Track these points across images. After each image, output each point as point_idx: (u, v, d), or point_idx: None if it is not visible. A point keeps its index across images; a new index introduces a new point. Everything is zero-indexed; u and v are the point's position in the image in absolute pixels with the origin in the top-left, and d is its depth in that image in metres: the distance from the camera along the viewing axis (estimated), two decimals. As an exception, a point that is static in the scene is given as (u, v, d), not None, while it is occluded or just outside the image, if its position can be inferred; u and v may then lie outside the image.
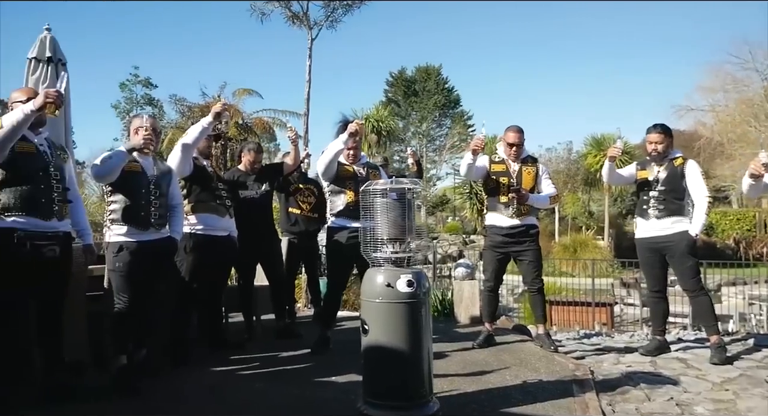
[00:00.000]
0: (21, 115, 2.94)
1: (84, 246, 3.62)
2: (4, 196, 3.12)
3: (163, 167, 3.95)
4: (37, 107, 2.93)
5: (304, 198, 5.75)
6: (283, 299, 5.30)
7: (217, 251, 4.42)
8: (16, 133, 2.99)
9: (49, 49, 4.43)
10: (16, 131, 2.97)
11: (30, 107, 2.94)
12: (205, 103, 12.88)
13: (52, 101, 2.93)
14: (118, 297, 3.68)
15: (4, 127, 2.94)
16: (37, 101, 2.94)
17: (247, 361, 4.38)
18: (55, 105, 2.95)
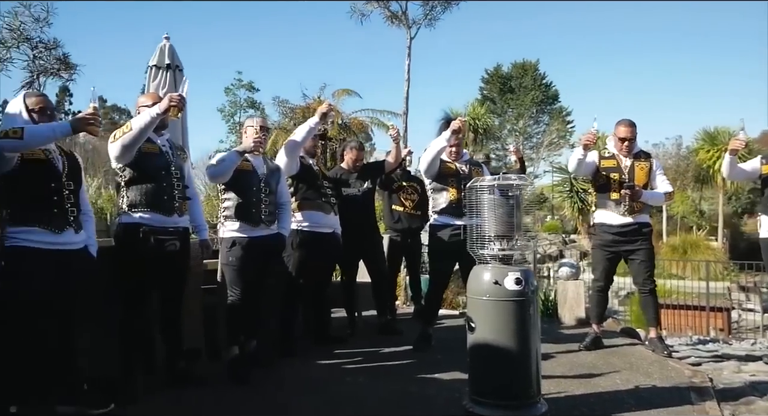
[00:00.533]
0: (147, 117, 3.14)
1: (200, 241, 3.83)
2: (131, 193, 3.34)
3: (272, 166, 4.10)
4: (162, 110, 3.12)
5: (407, 196, 5.79)
6: (384, 296, 5.35)
7: (322, 248, 4.53)
8: (143, 134, 3.20)
9: (168, 57, 4.73)
10: (144, 132, 3.18)
11: (156, 110, 3.14)
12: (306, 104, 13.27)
13: (176, 104, 3.11)
14: (231, 290, 3.85)
15: (133, 129, 3.16)
16: (162, 105, 3.13)
17: (350, 356, 4.46)
18: (178, 108, 3.13)
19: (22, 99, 2.93)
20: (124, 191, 3.37)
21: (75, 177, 2.97)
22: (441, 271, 4.62)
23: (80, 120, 2.73)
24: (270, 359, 4.16)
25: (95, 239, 3.15)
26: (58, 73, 6.05)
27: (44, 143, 2.77)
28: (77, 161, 3.08)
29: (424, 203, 5.76)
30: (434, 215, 4.58)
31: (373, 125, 15.31)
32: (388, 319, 5.33)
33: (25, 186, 2.78)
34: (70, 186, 2.91)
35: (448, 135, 4.24)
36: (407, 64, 7.33)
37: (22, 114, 2.89)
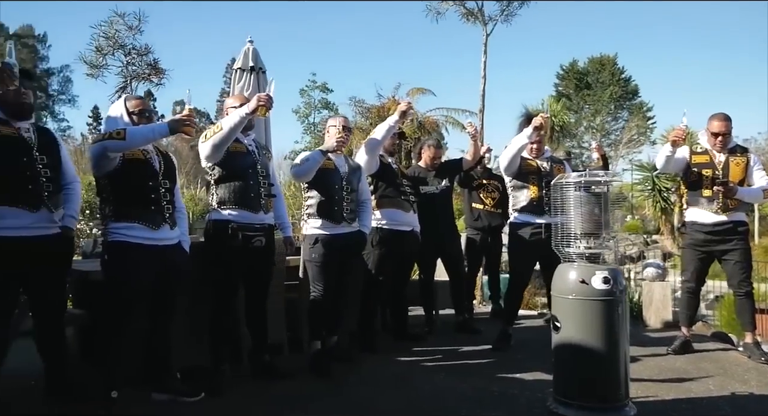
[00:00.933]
0: (237, 117, 3.26)
1: (285, 238, 3.94)
2: (220, 191, 3.48)
3: (354, 165, 4.16)
4: (251, 110, 3.23)
5: (487, 193, 5.74)
6: (462, 295, 5.32)
7: (401, 246, 4.56)
8: (233, 134, 3.32)
9: (252, 60, 4.89)
10: (233, 132, 3.30)
11: (245, 110, 3.25)
12: (381, 104, 13.39)
13: (264, 104, 3.21)
14: (313, 286, 3.94)
15: (223, 129, 3.28)
16: (251, 105, 3.24)
17: (430, 353, 4.47)
18: (266, 107, 3.23)
19: (122, 102, 3.11)
20: (213, 189, 3.51)
21: (170, 176, 3.12)
22: (521, 270, 4.56)
23: (177, 121, 2.87)
24: (350, 354, 4.23)
25: (188, 235, 3.29)
26: (149, 78, 6.39)
27: (144, 143, 2.93)
28: (172, 160, 3.23)
29: (504, 201, 5.65)
30: (514, 213, 4.52)
31: (447, 124, 15.31)
32: (466, 318, 5.30)
33: (125, 184, 2.95)
34: (166, 184, 3.06)
35: (529, 132, 4.18)
36: (483, 62, 7.23)
37: (123, 117, 3.06)
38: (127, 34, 6.34)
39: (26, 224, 2.87)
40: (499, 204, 5.72)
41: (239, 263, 3.49)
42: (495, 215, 5.77)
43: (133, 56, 6.36)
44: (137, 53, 6.35)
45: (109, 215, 2.94)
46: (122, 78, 6.62)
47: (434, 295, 5.38)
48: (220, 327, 3.56)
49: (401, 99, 13.56)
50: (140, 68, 6.33)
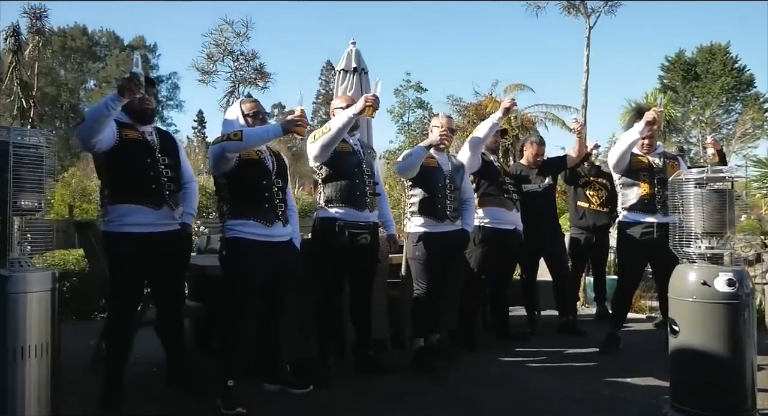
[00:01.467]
0: (345, 118, 3.34)
1: (388, 235, 3.99)
2: (327, 190, 3.58)
3: (457, 163, 4.15)
4: (359, 110, 3.30)
5: (594, 191, 5.57)
6: (566, 295, 5.19)
7: (504, 245, 4.50)
8: (341, 134, 3.41)
9: (355, 61, 4.98)
10: (341, 132, 3.39)
11: (352, 110, 3.32)
12: (478, 101, 13.28)
13: (371, 104, 3.28)
14: (417, 284, 3.97)
15: (331, 129, 3.38)
16: (358, 105, 3.31)
17: (533, 354, 4.39)
18: (373, 107, 3.29)
19: (238, 106, 3.27)
20: (321, 188, 3.62)
21: (283, 175, 3.24)
22: (632, 271, 4.38)
23: (290, 122, 2.98)
24: (450, 352, 4.22)
25: (299, 232, 3.41)
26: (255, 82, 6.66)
27: (259, 143, 3.06)
28: (284, 160, 3.36)
29: (612, 200, 5.48)
30: (623, 211, 4.35)
31: (546, 121, 14.90)
32: (570, 319, 5.16)
33: (241, 183, 3.09)
34: (279, 183, 3.18)
35: (641, 127, 4.00)
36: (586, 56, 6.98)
37: (239, 119, 3.21)
38: (235, 40, 6.65)
39: (150, 221, 3.06)
40: (607, 203, 5.55)
41: (345, 260, 3.58)
42: (601, 214, 5.58)
43: (241, 62, 6.66)
44: (245, 59, 6.64)
45: (227, 212, 3.10)
46: (230, 83, 6.95)
47: (536, 295, 5.28)
48: (326, 323, 3.66)
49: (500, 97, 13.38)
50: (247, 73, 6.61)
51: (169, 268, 3.23)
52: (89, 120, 2.81)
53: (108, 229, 3.06)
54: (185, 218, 3.31)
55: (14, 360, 2.14)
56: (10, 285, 2.14)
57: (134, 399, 3.20)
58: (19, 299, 2.15)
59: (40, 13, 14.48)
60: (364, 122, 4.70)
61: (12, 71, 13.48)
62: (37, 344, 2.18)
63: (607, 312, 5.79)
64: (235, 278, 3.07)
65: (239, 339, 3.12)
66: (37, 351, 2.18)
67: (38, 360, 2.18)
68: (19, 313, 2.15)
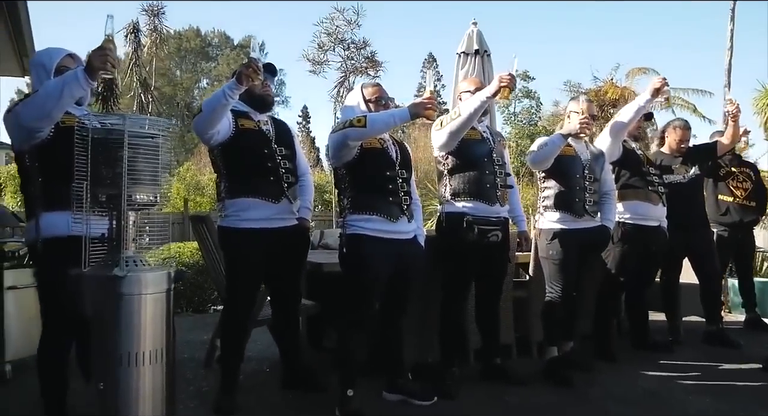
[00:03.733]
0: (477, 102, 3.00)
1: (519, 232, 3.61)
2: (454, 182, 3.25)
3: (596, 151, 3.72)
4: (492, 92, 2.95)
5: (737, 184, 4.97)
6: (717, 300, 4.58)
7: (647, 243, 4.01)
8: (472, 120, 3.06)
9: (476, 43, 4.61)
10: (473, 117, 3.05)
11: (485, 93, 2.98)
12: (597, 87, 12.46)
13: (506, 84, 2.91)
14: (550, 286, 3.58)
15: (462, 115, 3.04)
16: (492, 87, 2.96)
17: (681, 369, 3.86)
18: (509, 88, 2.92)
19: (359, 90, 3.01)
20: (446, 180, 3.30)
21: (407, 166, 2.96)
22: None
23: (418, 105, 2.67)
24: (589, 362, 3.79)
25: (423, 228, 3.12)
26: (366, 71, 6.47)
27: (385, 129, 2.78)
28: (407, 150, 3.07)
29: (759, 193, 5.00)
30: None
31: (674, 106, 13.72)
32: (720, 328, 4.55)
33: (363, 174, 2.83)
34: (403, 174, 2.90)
35: None
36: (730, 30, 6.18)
37: (360, 105, 2.95)
38: (346, 28, 6.46)
39: (269, 215, 2.88)
40: (753, 196, 4.96)
41: (474, 258, 3.25)
42: (748, 209, 4.98)
43: (352, 50, 6.46)
44: (356, 47, 6.44)
45: (348, 206, 2.85)
46: (341, 73, 6.79)
47: (679, 299, 4.70)
48: (451, 326, 3.35)
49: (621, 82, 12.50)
50: (358, 62, 6.42)
51: (286, 265, 3.05)
52: (206, 110, 2.66)
53: (225, 224, 2.91)
54: (303, 213, 3.12)
55: (128, 366, 1.98)
56: (125, 286, 1.98)
57: (246, 399, 3.05)
58: (134, 300, 1.99)
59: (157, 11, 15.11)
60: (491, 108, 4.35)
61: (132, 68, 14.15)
62: (151, 350, 2.01)
63: (759, 319, 5.14)
64: (355, 279, 2.82)
65: (359, 345, 2.88)
66: (151, 358, 2.01)
67: (152, 367, 2.01)
68: (134, 316, 1.99)
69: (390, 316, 3.01)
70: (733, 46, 6.92)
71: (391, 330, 3.05)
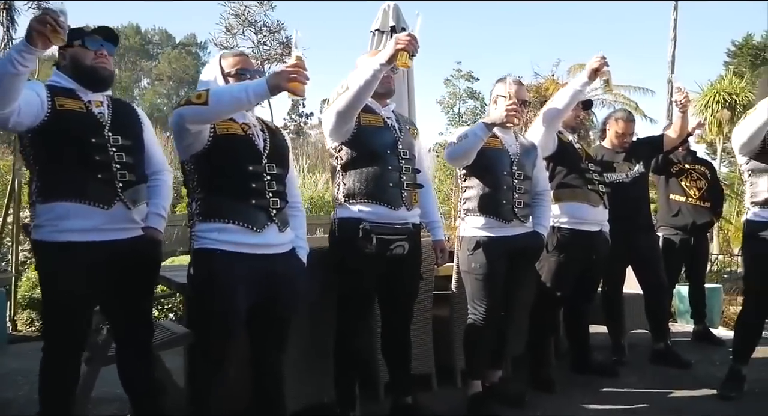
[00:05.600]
0: (369, 71, 2.32)
1: (434, 242, 2.96)
2: (348, 179, 2.58)
3: (527, 144, 3.13)
4: (387, 58, 2.28)
5: (691, 182, 4.49)
6: (663, 314, 4.06)
7: (587, 251, 3.43)
8: (363, 95, 2.39)
9: (393, 19, 3.96)
10: (364, 92, 2.37)
11: (378, 59, 2.30)
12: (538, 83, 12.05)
13: (404, 47, 2.24)
14: (473, 305, 2.97)
15: (350, 89, 2.38)
16: (386, 52, 2.29)
17: (625, 398, 3.31)
18: (408, 52, 2.26)
19: (217, 61, 2.29)
20: (340, 178, 2.63)
21: (279, 159, 2.24)
22: (764, 288, 3.24)
23: (279, 74, 1.96)
24: (521, 395, 3.19)
25: (306, 239, 2.42)
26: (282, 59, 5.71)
27: (235, 107, 2.04)
28: (283, 138, 2.37)
29: (714, 192, 4.56)
30: (754, 208, 3.20)
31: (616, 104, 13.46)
32: (668, 346, 4.03)
33: (216, 170, 2.12)
34: (273, 170, 2.19)
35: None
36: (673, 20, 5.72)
37: (217, 80, 2.25)
38: (258, 10, 5.69)
39: (97, 225, 2.17)
40: (707, 196, 4.51)
41: (373, 275, 2.60)
42: (702, 210, 4.51)
43: (264, 34, 5.70)
44: (269, 31, 5.68)
45: (196, 212, 2.14)
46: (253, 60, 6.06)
47: (622, 312, 4.17)
48: (348, 358, 2.69)
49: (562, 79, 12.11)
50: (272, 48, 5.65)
51: (128, 288, 2.33)
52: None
53: (39, 237, 2.18)
54: (151, 221, 2.40)
55: None
56: None
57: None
58: None
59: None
60: (404, 90, 3.71)
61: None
62: None
63: (708, 332, 4.69)
64: (206, 307, 2.12)
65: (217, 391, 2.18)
66: None
67: None
68: None
69: (263, 358, 2.30)
70: (677, 38, 6.54)
71: (267, 368, 2.34)
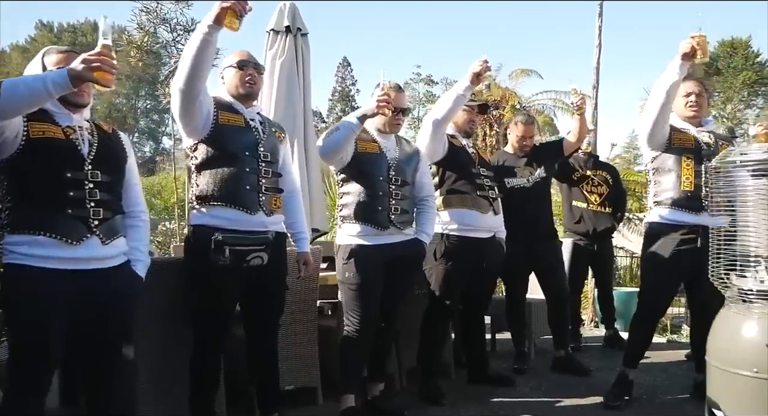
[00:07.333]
0: (198, 35, 2.17)
1: (299, 254, 2.80)
2: (202, 181, 2.44)
3: (409, 149, 3.05)
4: (213, 19, 2.12)
5: (592, 188, 4.51)
6: (564, 321, 4.02)
7: (477, 258, 3.36)
8: (199, 62, 2.21)
9: (288, 18, 3.83)
10: (199, 57, 2.19)
11: (206, 20, 2.15)
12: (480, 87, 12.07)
13: (229, 5, 2.09)
14: (347, 316, 2.88)
15: (184, 58, 2.22)
16: (212, 11, 2.14)
17: (514, 407, 3.26)
18: (235, 11, 2.11)
19: (40, 58, 2.10)
20: (194, 179, 2.49)
21: (107, 164, 2.05)
22: (659, 291, 3.13)
23: (81, 63, 1.77)
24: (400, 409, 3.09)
25: (147, 251, 2.26)
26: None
27: (32, 100, 1.81)
28: (119, 141, 2.19)
29: (615, 198, 4.58)
30: (656, 207, 3.13)
31: (556, 109, 13.61)
32: (569, 352, 4.01)
33: (27, 176, 1.94)
34: (97, 177, 2.01)
35: (677, 63, 2.73)
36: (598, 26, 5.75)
37: None
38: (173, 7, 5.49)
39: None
40: (608, 202, 4.55)
41: (230, 288, 2.47)
42: (602, 215, 4.56)
43: (179, 33, 5.50)
44: (184, 29, 5.47)
45: (5, 223, 1.96)
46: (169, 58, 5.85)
47: (524, 319, 4.13)
48: (204, 377, 2.54)
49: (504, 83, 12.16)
50: None
51: None
52: None
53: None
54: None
55: None
56: None
57: None
58: None
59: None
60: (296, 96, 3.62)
61: None
62: None
63: (618, 336, 4.69)
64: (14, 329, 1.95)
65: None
66: None
67: None
68: None
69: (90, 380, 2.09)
70: (602, 44, 6.57)
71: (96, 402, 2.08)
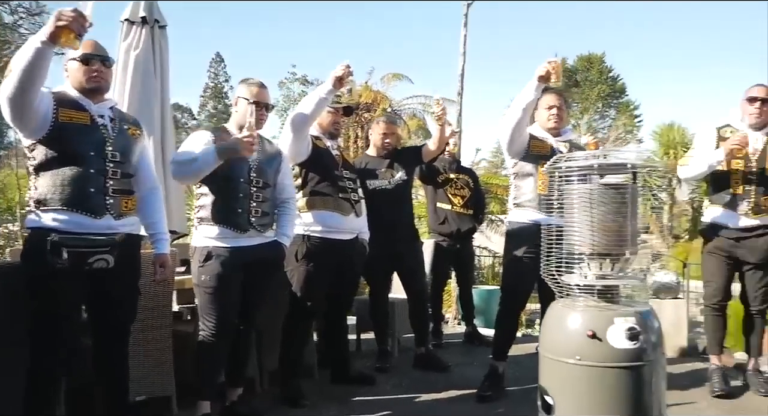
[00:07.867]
0: (30, 48, 2.04)
1: (155, 256, 2.66)
2: (41, 183, 2.28)
3: (271, 150, 3.00)
4: (48, 34, 2.00)
5: (456, 190, 4.72)
6: (424, 318, 4.14)
7: (339, 258, 3.38)
8: (30, 78, 2.08)
9: (144, 8, 3.65)
10: (29, 71, 2.05)
11: (40, 34, 2.02)
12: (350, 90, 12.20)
13: (66, 23, 1.98)
14: (202, 320, 2.79)
15: (13, 70, 2.07)
16: (48, 25, 2.01)
17: (374, 405, 3.31)
18: (72, 30, 1.99)
19: None
20: (33, 181, 2.33)
21: None
22: (518, 287, 3.35)
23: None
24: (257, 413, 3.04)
25: None
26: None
27: None
28: None
29: (476, 200, 4.83)
30: (515, 209, 3.34)
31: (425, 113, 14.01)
32: (429, 349, 4.14)
33: None
34: None
35: (534, 85, 2.94)
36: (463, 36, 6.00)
37: None
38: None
39: None
40: (470, 204, 4.78)
41: (70, 293, 2.31)
42: (465, 217, 4.78)
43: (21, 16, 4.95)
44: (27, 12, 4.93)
45: None
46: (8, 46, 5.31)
47: (387, 319, 4.20)
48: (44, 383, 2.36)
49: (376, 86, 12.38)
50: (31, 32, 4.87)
51: None
52: None
53: None
54: None
55: None
56: None
57: None
58: None
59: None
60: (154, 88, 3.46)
61: None
62: None
63: (477, 332, 4.92)
64: None
65: None
66: None
67: None
68: None
69: None
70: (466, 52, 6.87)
71: None
